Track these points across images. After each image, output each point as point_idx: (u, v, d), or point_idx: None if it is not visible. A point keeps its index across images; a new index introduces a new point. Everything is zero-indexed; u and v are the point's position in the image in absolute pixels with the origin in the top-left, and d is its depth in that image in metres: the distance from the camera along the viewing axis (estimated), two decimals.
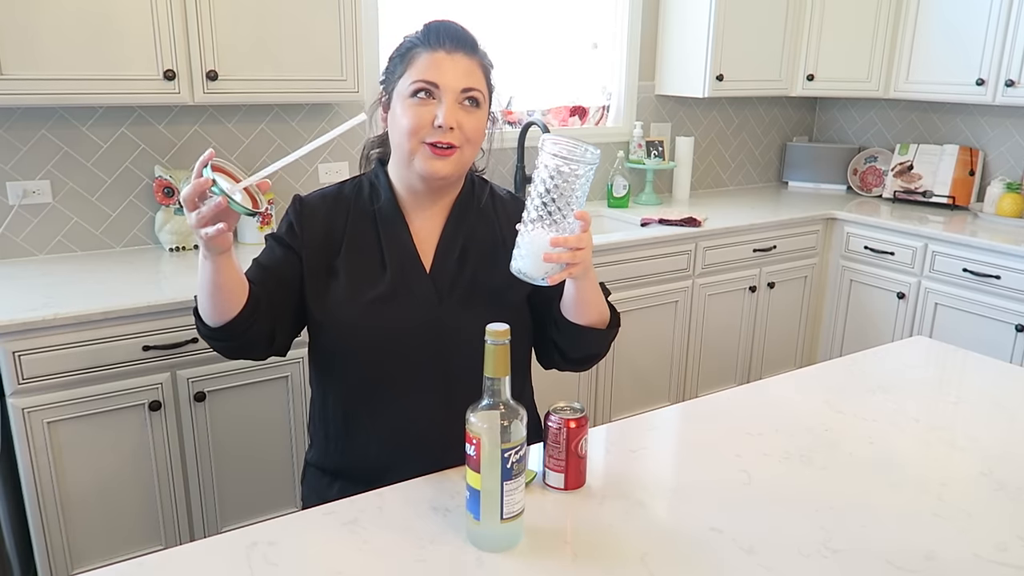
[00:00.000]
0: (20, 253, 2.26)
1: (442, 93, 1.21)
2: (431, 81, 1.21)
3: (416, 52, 1.23)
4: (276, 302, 1.27)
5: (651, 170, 3.27)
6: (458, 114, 1.22)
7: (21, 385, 1.79)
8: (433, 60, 1.22)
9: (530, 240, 1.11)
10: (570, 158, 1.07)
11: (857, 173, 3.69)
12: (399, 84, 1.24)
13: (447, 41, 1.23)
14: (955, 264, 2.84)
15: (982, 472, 1.21)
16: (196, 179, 1.05)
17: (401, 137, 1.24)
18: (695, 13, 3.12)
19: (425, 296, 1.28)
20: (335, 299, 1.28)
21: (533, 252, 1.11)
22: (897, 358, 1.69)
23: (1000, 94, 2.90)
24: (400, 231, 1.31)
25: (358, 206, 1.33)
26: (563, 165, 1.07)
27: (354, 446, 1.33)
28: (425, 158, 1.23)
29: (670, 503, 1.13)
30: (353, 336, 1.28)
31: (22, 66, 1.89)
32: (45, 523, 1.88)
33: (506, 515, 0.99)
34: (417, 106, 1.21)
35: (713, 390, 2.89)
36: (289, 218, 1.33)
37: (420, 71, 1.22)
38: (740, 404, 1.45)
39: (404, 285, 1.28)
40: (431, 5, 2.79)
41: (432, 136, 1.21)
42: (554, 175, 1.08)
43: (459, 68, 1.22)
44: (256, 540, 1.01)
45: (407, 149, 1.23)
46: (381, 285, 1.28)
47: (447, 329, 1.27)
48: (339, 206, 1.33)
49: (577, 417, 1.13)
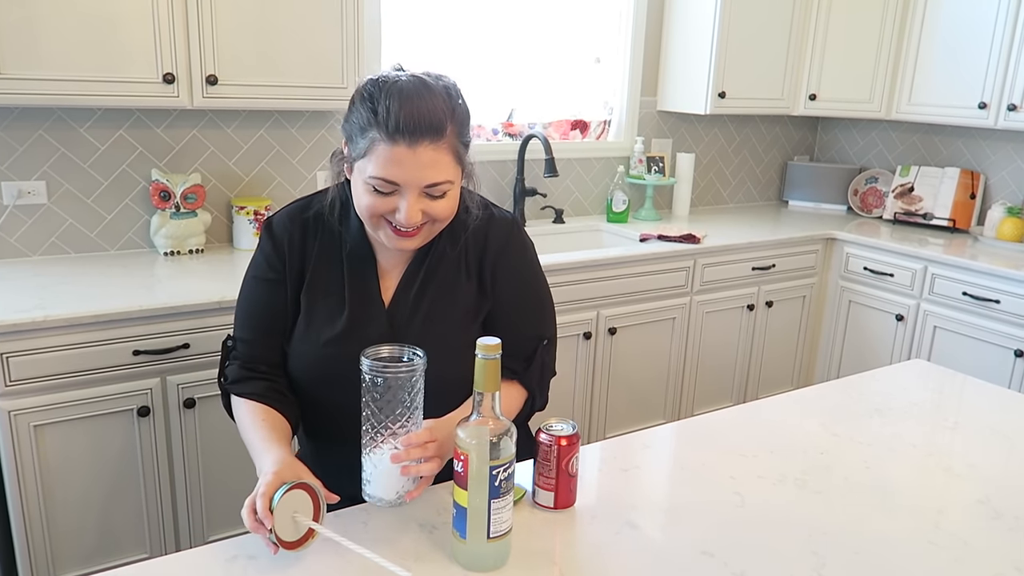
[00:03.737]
0: (13, 254, 2.24)
1: (404, 189, 1.13)
2: (391, 180, 1.12)
3: (376, 139, 1.11)
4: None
5: (651, 186, 3.26)
6: (422, 203, 1.14)
7: (8, 387, 1.77)
8: (393, 156, 1.10)
9: (374, 462, 1.03)
10: (385, 371, 0.99)
11: (858, 194, 3.68)
12: (359, 162, 1.14)
13: (408, 133, 1.09)
14: (955, 287, 2.82)
15: (979, 500, 1.19)
16: (255, 516, 0.97)
17: (360, 212, 1.18)
18: (698, 30, 3.12)
19: (379, 332, 1.24)
20: (296, 332, 1.27)
21: (378, 473, 1.03)
22: (895, 381, 1.67)
23: (1002, 118, 2.90)
24: (366, 263, 1.27)
25: (327, 228, 1.28)
26: (378, 376, 1.00)
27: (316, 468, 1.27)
28: (389, 236, 1.18)
29: (662, 524, 1.10)
30: (307, 370, 1.26)
31: (22, 66, 1.88)
32: (28, 528, 1.86)
33: (493, 534, 0.97)
34: (376, 196, 1.13)
35: (709, 409, 2.88)
36: (262, 248, 1.29)
37: (380, 167, 1.11)
38: (735, 424, 1.43)
39: (360, 322, 1.24)
40: (433, 13, 2.79)
41: (395, 221, 1.15)
42: (376, 386, 1.00)
43: (422, 162, 1.11)
44: (236, 554, 0.99)
45: (369, 223, 1.19)
46: (338, 325, 1.24)
47: None
48: (307, 229, 1.28)
49: (568, 435, 1.11)
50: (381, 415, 1.01)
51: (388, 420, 1.01)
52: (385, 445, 1.00)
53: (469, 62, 2.91)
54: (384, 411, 1.01)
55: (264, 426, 1.19)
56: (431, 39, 2.81)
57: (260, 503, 0.97)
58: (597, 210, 3.30)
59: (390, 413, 1.01)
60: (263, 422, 1.20)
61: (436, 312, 1.25)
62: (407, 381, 1.01)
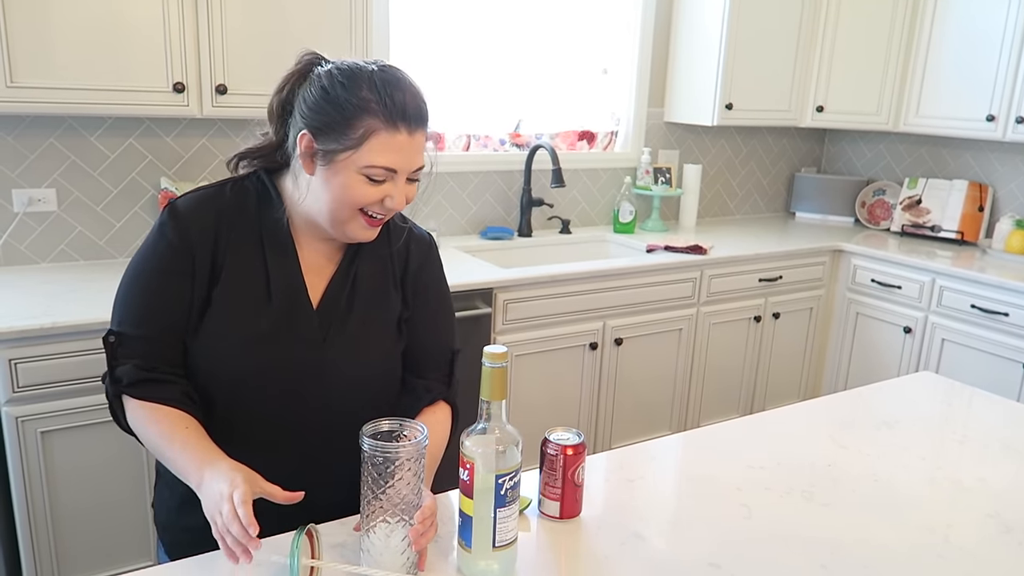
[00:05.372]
0: (23, 261, 2.25)
1: (396, 176, 1.12)
2: (391, 168, 1.10)
3: (374, 127, 1.08)
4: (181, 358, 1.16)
5: (658, 196, 3.26)
6: (406, 191, 1.15)
7: (16, 393, 1.78)
8: (395, 143, 1.10)
9: (380, 537, 0.96)
10: (386, 451, 0.94)
11: (865, 206, 3.67)
12: (348, 155, 1.09)
13: (411, 120, 1.10)
14: (963, 300, 2.81)
15: (988, 514, 1.18)
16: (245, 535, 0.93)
17: (338, 205, 1.12)
18: (706, 41, 3.13)
19: (310, 336, 1.17)
20: (208, 329, 1.14)
21: (387, 549, 0.96)
22: (903, 393, 1.66)
23: (1010, 130, 2.89)
24: (289, 261, 1.19)
25: (242, 220, 1.18)
26: (378, 456, 0.94)
27: None
28: (359, 228, 1.15)
29: (668, 536, 1.10)
30: (224, 371, 1.15)
31: (34, 75, 1.89)
32: (34, 534, 1.86)
33: (498, 543, 0.96)
34: (368, 185, 1.11)
35: (715, 420, 2.86)
36: (167, 236, 1.15)
37: (381, 155, 1.09)
38: (742, 436, 1.43)
39: (287, 323, 1.16)
40: (441, 23, 2.80)
41: (375, 210, 1.14)
42: (377, 465, 0.94)
43: (416, 148, 1.13)
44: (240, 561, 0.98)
45: (342, 217, 1.13)
46: (263, 321, 1.15)
47: (329, 371, 1.18)
48: (220, 218, 1.17)
49: (575, 444, 1.10)
50: (382, 494, 0.95)
51: (392, 495, 0.95)
52: (393, 520, 0.95)
53: (477, 73, 2.93)
54: (385, 485, 0.95)
55: (193, 434, 1.09)
56: (439, 48, 2.82)
57: (243, 511, 0.93)
58: (604, 221, 3.30)
59: (392, 488, 0.95)
60: (186, 430, 1.10)
61: (369, 318, 1.22)
62: (410, 458, 0.95)
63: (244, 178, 1.22)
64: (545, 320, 2.51)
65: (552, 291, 2.51)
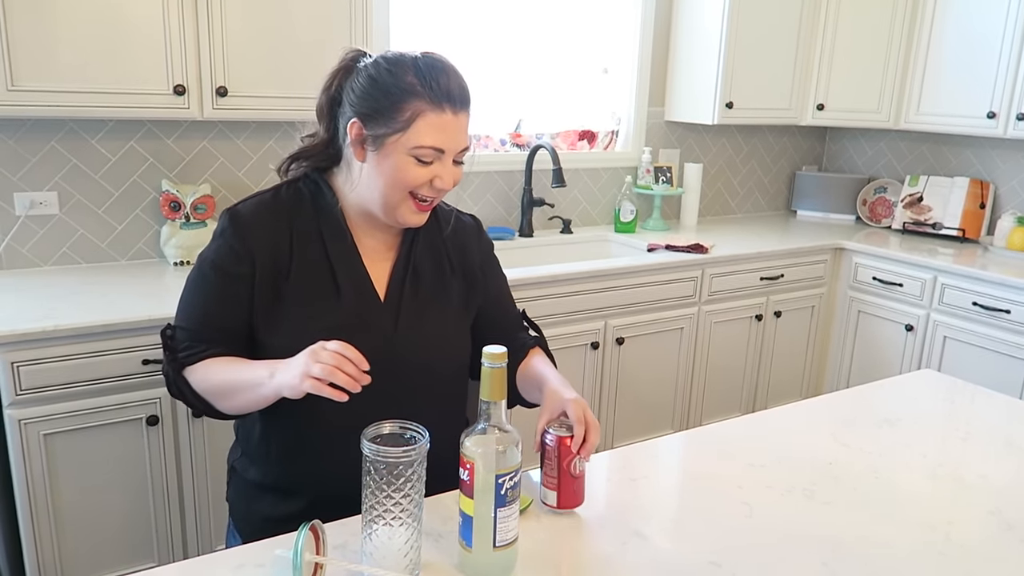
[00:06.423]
0: (25, 264, 2.26)
1: (444, 156, 1.17)
2: (439, 148, 1.16)
3: (421, 109, 1.14)
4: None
5: (659, 196, 3.26)
6: (453, 172, 1.20)
7: (19, 396, 1.78)
8: (441, 123, 1.15)
9: (383, 539, 0.95)
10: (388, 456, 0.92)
11: (866, 204, 3.67)
12: (397, 138, 1.14)
13: (456, 100, 1.17)
14: (965, 297, 2.81)
15: (990, 511, 1.18)
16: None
17: (390, 189, 1.17)
18: (706, 40, 3.13)
19: (381, 326, 1.23)
20: (287, 327, 1.19)
21: (388, 551, 0.95)
22: (904, 391, 1.66)
23: (1011, 127, 2.88)
24: (351, 254, 1.24)
25: (301, 219, 1.23)
26: (380, 462, 0.93)
27: (302, 473, 1.24)
28: (409, 212, 1.20)
29: (669, 534, 1.10)
30: None
31: (35, 78, 1.90)
32: (37, 536, 1.86)
33: (499, 543, 0.97)
34: (418, 166, 1.16)
35: (717, 419, 2.86)
36: (228, 240, 1.20)
37: (429, 136, 1.14)
38: (744, 434, 1.43)
39: (359, 315, 1.22)
40: (441, 23, 2.80)
41: (425, 192, 1.19)
42: (378, 470, 0.93)
43: (462, 128, 1.18)
44: (243, 562, 0.99)
45: (393, 201, 1.18)
46: (336, 314, 1.20)
47: (400, 358, 1.22)
48: (280, 219, 1.22)
49: (572, 435, 1.11)
50: (383, 495, 0.94)
51: (395, 496, 0.95)
52: (395, 522, 0.95)
53: (477, 73, 2.93)
54: (388, 489, 0.94)
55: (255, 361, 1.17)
56: (439, 49, 2.82)
57: (351, 351, 1.01)
58: (605, 220, 3.30)
59: (395, 490, 0.94)
60: (248, 361, 1.17)
61: (435, 306, 1.28)
62: (413, 462, 0.95)
63: (296, 180, 1.27)
64: (546, 320, 2.51)
65: (553, 291, 2.51)
